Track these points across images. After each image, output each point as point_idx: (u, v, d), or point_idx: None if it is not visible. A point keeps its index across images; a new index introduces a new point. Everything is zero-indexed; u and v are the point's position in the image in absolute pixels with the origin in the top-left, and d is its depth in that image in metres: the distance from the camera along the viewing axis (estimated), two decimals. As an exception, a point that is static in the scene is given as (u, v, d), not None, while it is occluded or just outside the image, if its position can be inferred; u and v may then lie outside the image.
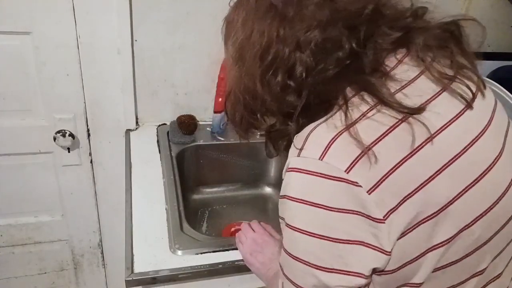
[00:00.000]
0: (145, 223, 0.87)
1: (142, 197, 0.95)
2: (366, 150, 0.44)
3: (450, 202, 0.46)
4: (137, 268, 0.76)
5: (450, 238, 0.47)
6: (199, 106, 1.27)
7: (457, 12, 0.61)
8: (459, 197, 0.47)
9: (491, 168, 0.49)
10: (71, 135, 1.16)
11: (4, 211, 1.26)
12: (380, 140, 0.45)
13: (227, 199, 1.26)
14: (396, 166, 0.44)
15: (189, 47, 1.17)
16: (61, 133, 1.15)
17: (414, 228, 0.46)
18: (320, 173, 0.45)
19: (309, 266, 0.48)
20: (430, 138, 0.45)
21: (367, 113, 0.46)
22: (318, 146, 0.46)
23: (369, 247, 0.46)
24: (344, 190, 0.44)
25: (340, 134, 0.45)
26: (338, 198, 0.45)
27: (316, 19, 0.49)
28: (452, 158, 0.46)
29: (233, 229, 1.13)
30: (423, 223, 0.46)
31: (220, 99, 1.19)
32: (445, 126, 0.47)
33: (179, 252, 0.80)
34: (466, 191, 0.47)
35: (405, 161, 0.44)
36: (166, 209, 0.91)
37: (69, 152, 1.21)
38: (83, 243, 1.41)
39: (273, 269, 0.69)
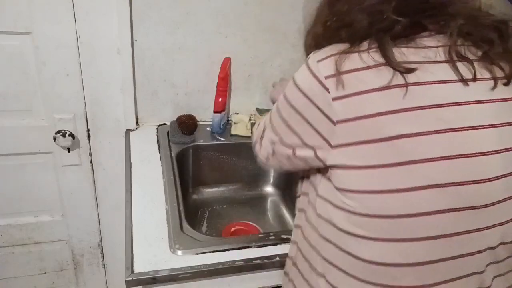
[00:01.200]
0: (145, 223, 0.87)
1: (142, 197, 0.95)
2: (337, 74, 0.54)
3: (400, 136, 0.51)
4: (137, 268, 0.76)
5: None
6: (199, 106, 1.27)
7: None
8: (411, 136, 0.51)
9: (465, 130, 0.52)
10: (71, 135, 1.16)
11: (4, 211, 1.26)
12: (355, 71, 0.53)
13: (227, 199, 1.26)
14: (362, 92, 0.52)
15: (189, 47, 1.17)
16: (61, 133, 1.15)
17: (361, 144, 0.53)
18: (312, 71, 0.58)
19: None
20: (405, 85, 0.51)
21: (362, 52, 0.55)
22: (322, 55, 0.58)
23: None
24: (319, 90, 0.55)
25: (330, 57, 0.56)
26: (313, 92, 0.56)
27: None
28: (421, 107, 0.51)
29: (233, 229, 1.13)
30: (368, 143, 0.52)
31: (220, 99, 1.19)
32: (426, 83, 0.52)
33: (179, 252, 0.80)
34: (425, 134, 0.51)
35: (376, 91, 0.52)
36: (166, 209, 0.91)
37: (69, 152, 1.21)
38: (83, 243, 1.41)
39: None
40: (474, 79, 0.54)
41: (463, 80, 0.53)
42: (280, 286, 0.89)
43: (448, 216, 0.53)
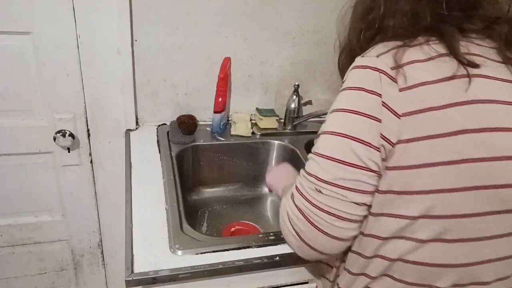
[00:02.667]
0: (145, 223, 0.87)
1: (142, 197, 0.95)
2: (398, 66, 0.52)
3: (463, 131, 0.50)
4: (137, 268, 0.76)
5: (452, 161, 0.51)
6: (199, 106, 1.27)
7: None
8: (474, 132, 0.50)
9: None
10: (71, 135, 1.16)
11: (4, 211, 1.26)
12: (415, 63, 0.53)
13: (227, 199, 1.26)
14: (426, 83, 0.51)
15: (189, 47, 1.17)
16: (61, 133, 1.15)
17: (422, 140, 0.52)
18: (371, 66, 0.55)
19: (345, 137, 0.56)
20: (467, 76, 0.51)
21: (422, 44, 0.54)
22: (378, 51, 0.56)
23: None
24: (387, 81, 0.53)
25: (389, 51, 0.55)
26: (380, 85, 0.53)
27: None
28: (480, 100, 0.50)
29: (233, 229, 1.13)
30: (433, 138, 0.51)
31: (220, 99, 1.19)
32: (488, 77, 0.51)
33: (179, 252, 0.80)
34: (483, 131, 0.50)
35: (438, 82, 0.51)
36: (166, 209, 0.91)
37: (69, 152, 1.21)
38: (83, 243, 1.41)
39: (289, 182, 0.79)
40: None
41: None
42: (280, 286, 0.89)
43: (495, 219, 0.53)
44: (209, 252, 0.81)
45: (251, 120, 1.31)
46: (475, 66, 0.51)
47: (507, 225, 0.55)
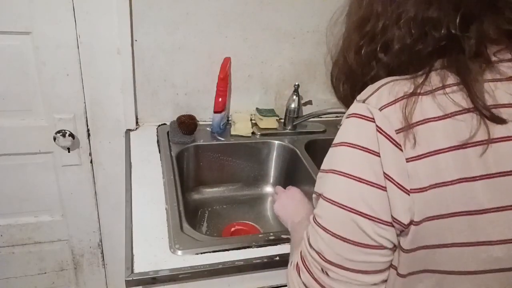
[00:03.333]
0: (145, 223, 0.87)
1: (142, 197, 0.95)
2: (407, 127, 0.42)
3: (484, 211, 0.42)
4: (137, 268, 0.76)
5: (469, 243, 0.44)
6: (199, 106, 1.27)
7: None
8: (493, 211, 0.42)
9: None
10: (71, 135, 1.16)
11: (4, 211, 1.26)
12: (428, 122, 0.43)
13: (227, 199, 1.26)
14: (441, 151, 0.42)
15: (189, 47, 1.17)
16: (61, 133, 1.15)
17: (445, 217, 0.43)
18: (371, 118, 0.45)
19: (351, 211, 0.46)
20: (487, 142, 0.41)
21: (436, 91, 0.44)
22: (383, 98, 0.46)
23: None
24: (389, 148, 0.43)
25: (396, 102, 0.44)
26: (382, 152, 0.44)
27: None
28: (507, 172, 0.42)
29: (233, 229, 1.13)
30: (453, 216, 0.43)
31: (220, 99, 1.19)
32: None
33: (179, 252, 0.80)
34: (505, 209, 0.42)
35: (452, 150, 0.42)
36: (166, 209, 0.91)
37: (69, 152, 1.21)
38: (83, 243, 1.41)
39: (299, 217, 0.75)
40: None
41: None
42: (280, 286, 0.89)
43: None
44: (209, 252, 0.81)
45: (251, 120, 1.31)
46: (502, 122, 0.41)
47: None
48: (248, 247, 0.84)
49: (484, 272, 0.45)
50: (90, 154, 1.24)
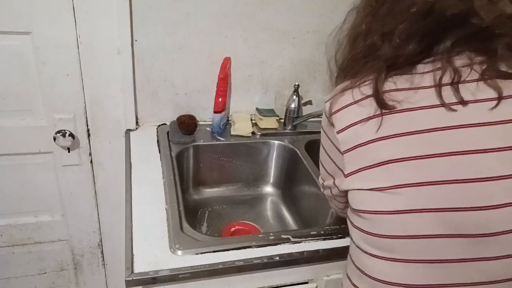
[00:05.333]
0: (145, 223, 0.87)
1: (142, 197, 0.95)
2: (335, 112, 0.59)
3: (392, 161, 0.54)
4: (137, 268, 0.76)
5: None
6: (199, 106, 1.27)
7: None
8: (402, 161, 0.53)
9: (446, 155, 0.52)
10: (71, 135, 1.16)
11: (4, 211, 1.26)
12: (346, 107, 0.58)
13: (227, 199, 1.26)
14: (352, 125, 0.57)
15: (189, 47, 1.17)
16: (61, 133, 1.15)
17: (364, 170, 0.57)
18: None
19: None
20: (381, 114, 0.55)
21: (355, 86, 0.59)
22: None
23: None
24: (329, 125, 0.61)
25: (332, 97, 0.61)
26: (326, 128, 0.63)
27: (405, 19, 0.56)
28: (406, 132, 0.53)
29: (233, 229, 1.13)
30: (368, 169, 0.56)
31: (220, 99, 1.19)
32: (408, 110, 0.54)
33: (179, 252, 0.80)
34: (416, 159, 0.52)
35: (361, 122, 0.56)
36: (166, 209, 0.91)
37: (69, 152, 1.21)
38: (83, 243, 1.41)
39: None
40: (466, 102, 0.52)
41: (454, 104, 0.53)
42: (280, 286, 0.89)
43: (444, 242, 0.52)
44: (209, 252, 0.81)
45: (251, 120, 1.31)
46: (387, 107, 0.55)
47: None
48: (248, 247, 0.84)
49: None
50: (90, 154, 1.24)
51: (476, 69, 0.53)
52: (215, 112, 1.21)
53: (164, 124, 1.26)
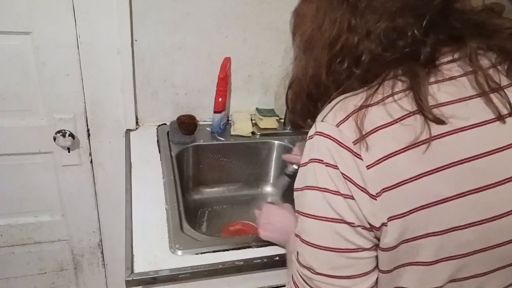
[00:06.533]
0: (145, 223, 0.87)
1: (142, 197, 0.95)
2: (361, 138, 0.46)
3: (444, 200, 0.46)
4: (137, 268, 0.76)
5: (443, 231, 0.47)
6: (199, 106, 1.27)
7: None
8: (454, 199, 0.46)
9: (501, 184, 0.46)
10: (71, 135, 1.16)
11: (4, 211, 1.26)
12: (379, 130, 0.47)
13: (227, 199, 1.26)
14: (394, 154, 0.46)
15: (189, 47, 1.17)
16: (61, 133, 1.15)
17: (411, 213, 0.47)
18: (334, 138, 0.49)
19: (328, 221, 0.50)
20: (429, 140, 0.45)
21: (386, 99, 0.48)
22: (338, 115, 0.50)
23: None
24: (350, 159, 0.47)
25: (349, 117, 0.48)
26: (344, 164, 0.48)
27: (387, 10, 0.50)
28: (456, 162, 0.45)
29: (233, 229, 1.13)
30: (418, 210, 0.46)
31: (220, 99, 1.19)
32: (460, 130, 0.46)
33: (179, 252, 0.80)
34: (464, 195, 0.46)
35: (403, 152, 0.46)
36: (166, 209, 0.91)
37: (69, 152, 1.21)
38: (83, 243, 1.41)
39: (287, 234, 0.73)
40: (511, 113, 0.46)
41: (500, 118, 0.46)
42: (280, 286, 0.89)
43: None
44: (209, 252, 0.81)
45: (251, 120, 1.31)
46: (441, 122, 0.46)
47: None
48: (248, 247, 0.84)
49: (461, 256, 0.48)
50: (90, 154, 1.24)
51: (502, 71, 0.49)
52: (215, 112, 1.21)
53: (164, 124, 1.26)
